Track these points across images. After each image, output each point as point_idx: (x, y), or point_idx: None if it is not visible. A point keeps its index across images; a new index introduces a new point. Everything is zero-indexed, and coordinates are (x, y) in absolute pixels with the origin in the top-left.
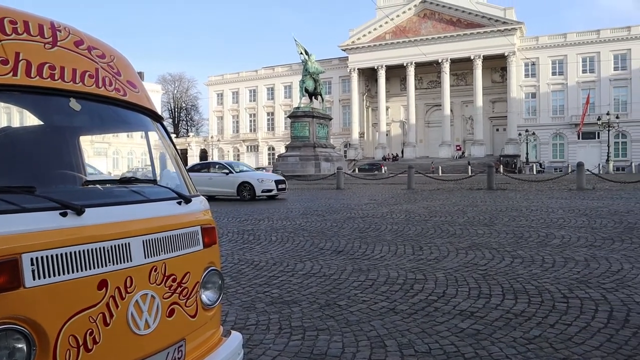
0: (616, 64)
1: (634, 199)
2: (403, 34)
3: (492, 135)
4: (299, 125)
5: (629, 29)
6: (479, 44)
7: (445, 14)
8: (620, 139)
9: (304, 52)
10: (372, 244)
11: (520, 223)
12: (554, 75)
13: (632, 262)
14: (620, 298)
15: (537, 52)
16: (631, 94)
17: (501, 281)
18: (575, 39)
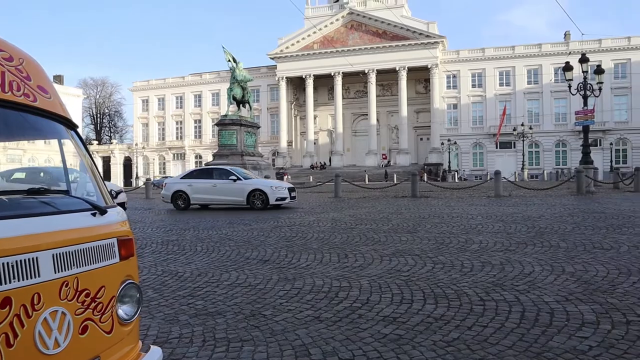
0: (529, 78)
1: (545, 204)
2: (331, 44)
3: (416, 144)
4: (226, 133)
5: (540, 46)
6: (403, 56)
7: (372, 26)
8: (533, 149)
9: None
10: (298, 253)
11: (442, 229)
12: (474, 88)
13: (543, 264)
14: (532, 299)
15: (458, 65)
16: (542, 106)
17: (423, 286)
18: (492, 54)
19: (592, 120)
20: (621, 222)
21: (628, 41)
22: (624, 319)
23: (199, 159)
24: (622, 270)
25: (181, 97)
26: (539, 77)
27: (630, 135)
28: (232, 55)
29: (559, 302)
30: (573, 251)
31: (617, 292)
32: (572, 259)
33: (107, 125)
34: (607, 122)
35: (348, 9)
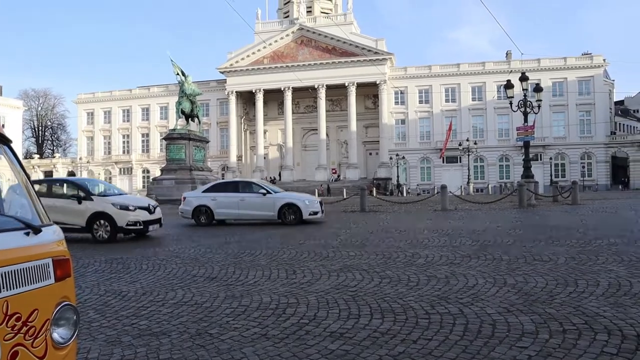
0: (474, 94)
1: (489, 218)
2: (281, 59)
3: (365, 159)
4: (175, 148)
5: (484, 64)
6: (353, 72)
7: (322, 42)
8: (478, 163)
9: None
10: (246, 269)
11: (389, 244)
12: (421, 104)
13: (486, 277)
14: (475, 311)
15: (406, 81)
16: (487, 122)
17: (370, 301)
18: (439, 71)
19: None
20: (559, 234)
21: (564, 61)
22: (561, 328)
23: (146, 173)
24: (559, 281)
25: (128, 110)
26: (483, 94)
27: (568, 150)
28: (180, 69)
29: (501, 314)
30: (515, 263)
31: (555, 302)
32: (514, 271)
33: (50, 139)
34: (547, 138)
35: (298, 25)
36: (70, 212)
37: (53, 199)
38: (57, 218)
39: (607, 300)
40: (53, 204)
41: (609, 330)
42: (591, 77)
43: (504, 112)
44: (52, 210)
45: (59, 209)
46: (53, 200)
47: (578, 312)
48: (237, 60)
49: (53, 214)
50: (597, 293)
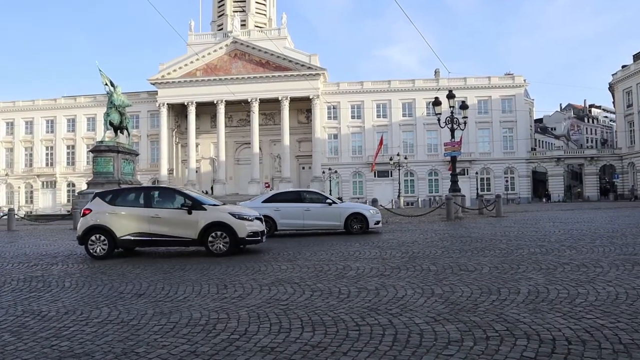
0: (404, 111)
1: (419, 230)
2: (214, 72)
3: (298, 173)
4: (102, 161)
5: (414, 81)
6: (286, 86)
7: (256, 56)
8: (409, 177)
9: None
10: (176, 285)
11: (321, 257)
12: (353, 119)
13: (415, 288)
14: (404, 321)
15: (339, 96)
16: (416, 137)
17: (301, 314)
18: (371, 87)
19: (459, 152)
20: (484, 245)
21: (489, 80)
22: (485, 335)
23: (71, 187)
24: (483, 290)
25: (52, 120)
26: (413, 110)
27: (492, 165)
28: (109, 79)
29: (428, 323)
30: (442, 274)
31: (479, 310)
32: (441, 281)
33: None
34: (473, 153)
35: (232, 38)
36: (179, 224)
37: (155, 209)
38: (161, 230)
39: (526, 306)
40: (155, 215)
41: (528, 336)
42: (513, 96)
43: (433, 128)
44: (155, 222)
45: (165, 221)
46: (155, 210)
47: (500, 319)
48: (169, 71)
49: (157, 226)
50: (518, 300)
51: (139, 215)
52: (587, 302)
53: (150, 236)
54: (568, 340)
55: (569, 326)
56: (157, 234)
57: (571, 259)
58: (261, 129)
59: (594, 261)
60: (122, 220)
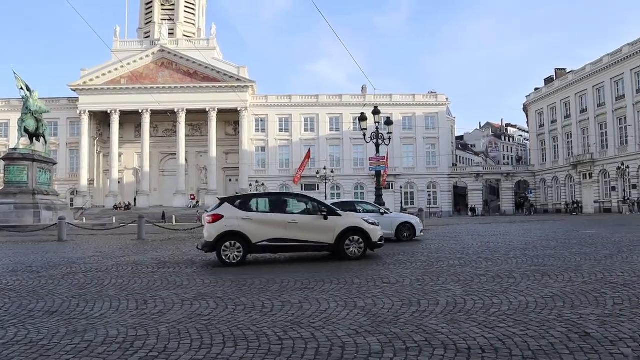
0: (332, 125)
1: None
2: (139, 80)
3: (225, 185)
4: (15, 169)
5: (341, 96)
6: (214, 97)
7: (183, 66)
8: (335, 190)
9: (25, 87)
10: (92, 301)
11: (246, 271)
12: (281, 132)
13: (338, 301)
14: (326, 334)
15: (267, 109)
16: (343, 151)
17: (223, 330)
18: (299, 101)
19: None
20: (406, 258)
21: (413, 98)
22: (404, 346)
23: None
24: (404, 302)
25: None
26: (340, 124)
27: (416, 179)
28: (25, 83)
29: (350, 336)
30: (365, 286)
31: (400, 322)
32: (364, 294)
33: None
34: (398, 168)
35: (159, 46)
36: (315, 229)
37: (292, 215)
38: (298, 236)
39: (445, 317)
40: (292, 221)
41: (445, 346)
42: (436, 114)
43: (359, 143)
44: (292, 228)
45: (302, 227)
46: (292, 216)
47: (420, 330)
48: (91, 78)
49: (293, 231)
50: (437, 311)
51: (275, 221)
52: (500, 311)
53: (287, 242)
54: (482, 349)
55: (484, 335)
56: (293, 240)
57: (487, 270)
58: (187, 140)
59: (508, 272)
60: (258, 226)
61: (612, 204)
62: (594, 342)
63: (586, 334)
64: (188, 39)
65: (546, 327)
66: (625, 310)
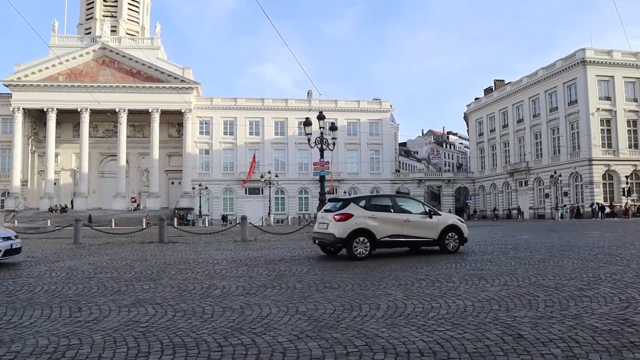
0: (277, 129)
1: (287, 247)
2: (79, 78)
3: (167, 188)
4: None
5: (287, 101)
6: (157, 98)
7: (126, 65)
8: (279, 195)
9: None
10: (21, 309)
11: (187, 276)
12: (226, 135)
13: (279, 306)
14: (267, 340)
15: (212, 112)
16: (288, 156)
17: (161, 337)
18: (244, 104)
19: (327, 171)
20: (348, 263)
21: (358, 104)
22: (345, 351)
23: None
24: (345, 307)
25: None
26: (285, 129)
27: (360, 184)
28: None
29: (292, 341)
30: (307, 291)
31: (341, 326)
32: (306, 298)
33: None
34: (342, 173)
35: (100, 44)
36: (424, 227)
37: (406, 215)
38: (410, 232)
39: (385, 321)
40: (407, 219)
41: (385, 350)
42: (380, 120)
43: (304, 148)
44: (406, 226)
45: (414, 225)
46: (406, 215)
47: (360, 334)
48: (26, 73)
49: (407, 229)
50: (378, 316)
51: (394, 220)
52: (439, 315)
53: (403, 237)
54: (421, 352)
55: (423, 339)
56: (407, 236)
57: (427, 274)
58: (129, 141)
59: (447, 276)
60: (380, 223)
61: (546, 210)
62: (526, 344)
63: (520, 335)
64: (131, 38)
65: (482, 329)
66: (555, 312)
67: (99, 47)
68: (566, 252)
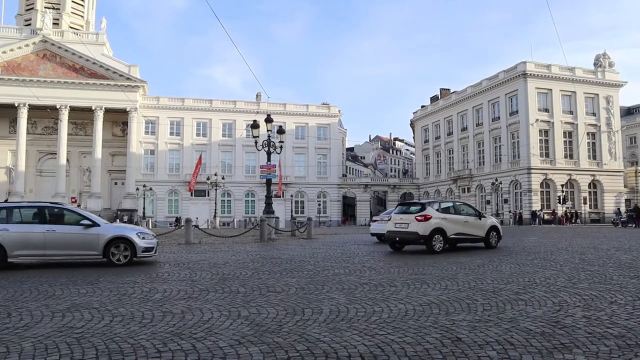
0: (224, 131)
1: (232, 251)
2: (16, 72)
3: (110, 189)
4: None
5: (235, 103)
6: (101, 96)
7: (68, 60)
8: (226, 197)
9: None
10: None
11: (127, 279)
12: (172, 135)
13: (222, 310)
14: (207, 345)
15: (158, 111)
16: (235, 158)
17: (97, 343)
18: (192, 105)
19: (274, 174)
20: (293, 267)
21: (307, 108)
22: (286, 356)
23: None
24: (288, 311)
25: None
26: (233, 131)
27: (307, 188)
28: None
29: (232, 346)
30: (250, 295)
31: (283, 331)
32: (249, 303)
33: None
34: (289, 177)
35: (41, 36)
36: (477, 226)
37: (464, 217)
38: (467, 231)
39: (327, 326)
40: (466, 221)
41: (327, 354)
42: (328, 125)
43: (251, 150)
44: (466, 226)
45: (470, 225)
46: (465, 217)
47: (302, 339)
48: None
49: (466, 228)
50: (320, 320)
51: (459, 220)
52: (380, 319)
53: (463, 235)
54: (362, 356)
55: (364, 343)
56: (466, 234)
57: (370, 279)
58: (70, 139)
59: (390, 281)
60: (450, 223)
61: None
62: (464, 347)
63: (458, 338)
64: (75, 32)
65: (422, 333)
66: (492, 316)
67: (39, 40)
68: (504, 257)
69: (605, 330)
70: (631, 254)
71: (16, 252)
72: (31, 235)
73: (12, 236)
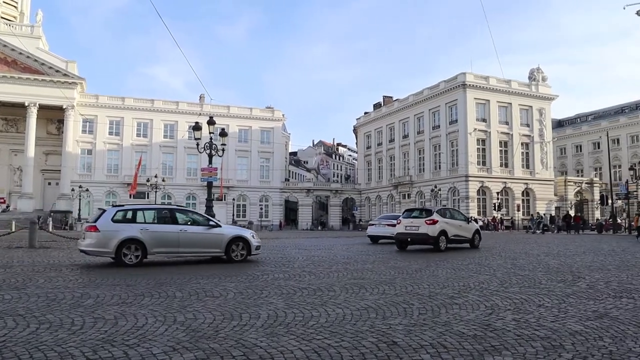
0: (166, 132)
1: None
2: None
3: (43, 189)
4: None
5: (177, 104)
6: (35, 91)
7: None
8: (166, 200)
9: None
10: None
11: (57, 284)
12: (111, 135)
13: (157, 315)
14: (140, 352)
15: (97, 110)
16: (177, 160)
17: (20, 352)
18: (132, 104)
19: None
20: (233, 273)
21: (250, 111)
22: None
23: None
24: (226, 316)
25: None
26: (175, 132)
27: (249, 192)
28: None
29: (167, 353)
30: (187, 300)
31: (220, 336)
32: (185, 308)
33: None
34: (231, 180)
35: None
36: (467, 229)
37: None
38: (461, 234)
39: (265, 331)
40: (460, 225)
41: (263, 359)
42: (272, 129)
43: (193, 152)
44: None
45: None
46: (460, 222)
47: (239, 344)
48: None
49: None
50: (257, 325)
51: (456, 224)
52: (318, 323)
53: (458, 237)
54: None
55: (301, 347)
56: (460, 236)
57: (310, 283)
58: (0, 136)
59: (329, 285)
60: (450, 227)
61: None
62: (399, 350)
63: (394, 342)
64: (7, 23)
65: (359, 337)
66: (428, 320)
67: None
68: (441, 262)
69: (532, 333)
70: (559, 259)
71: (155, 250)
72: (167, 235)
73: (151, 235)
